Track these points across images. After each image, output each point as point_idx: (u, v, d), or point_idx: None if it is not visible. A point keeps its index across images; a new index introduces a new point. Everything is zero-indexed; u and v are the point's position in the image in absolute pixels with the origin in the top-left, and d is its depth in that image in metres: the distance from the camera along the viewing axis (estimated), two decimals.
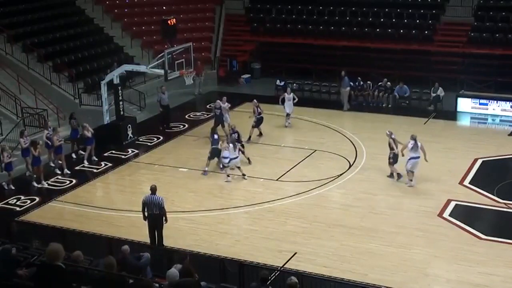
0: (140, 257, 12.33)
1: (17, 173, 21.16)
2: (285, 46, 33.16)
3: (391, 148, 20.03)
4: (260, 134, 24.23)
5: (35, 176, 20.78)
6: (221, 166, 20.97)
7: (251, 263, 14.46)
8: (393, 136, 20.03)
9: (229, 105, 25.05)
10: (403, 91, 28.21)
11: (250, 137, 23.71)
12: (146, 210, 15.89)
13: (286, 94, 25.59)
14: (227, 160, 20.36)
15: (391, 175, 20.30)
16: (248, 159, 21.60)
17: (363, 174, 20.87)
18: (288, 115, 25.53)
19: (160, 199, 15.79)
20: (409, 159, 19.50)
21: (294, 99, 25.46)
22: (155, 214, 15.78)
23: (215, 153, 21.01)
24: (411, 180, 19.68)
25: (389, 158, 20.14)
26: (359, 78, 28.94)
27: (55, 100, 25.83)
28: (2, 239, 13.96)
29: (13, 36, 28.04)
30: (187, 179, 20.93)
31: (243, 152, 21.36)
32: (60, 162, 21.57)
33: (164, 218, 15.92)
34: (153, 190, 15.82)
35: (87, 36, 30.75)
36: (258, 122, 23.98)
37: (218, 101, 24.37)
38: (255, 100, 24.25)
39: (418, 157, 19.42)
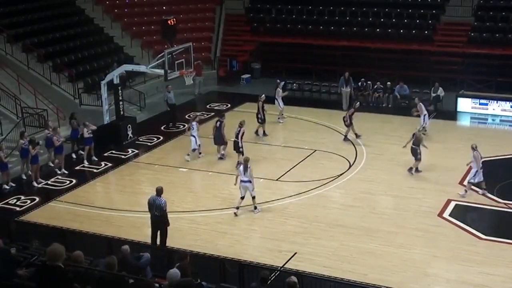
0: (140, 257, 12.29)
1: (16, 173, 21.15)
2: (285, 46, 33.14)
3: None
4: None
5: (31, 173, 20.75)
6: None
7: (251, 263, 14.46)
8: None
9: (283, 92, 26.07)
10: (403, 90, 28.22)
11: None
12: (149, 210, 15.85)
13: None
14: None
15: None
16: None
17: (363, 174, 20.86)
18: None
19: (163, 202, 15.58)
20: None
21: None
22: (156, 216, 15.70)
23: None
24: None
25: None
26: (363, 79, 28.98)
27: (55, 100, 25.81)
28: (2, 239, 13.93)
29: (13, 36, 28.03)
30: (187, 179, 20.93)
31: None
32: (58, 162, 21.55)
33: (165, 221, 15.77)
34: (158, 192, 15.62)
35: (87, 36, 30.75)
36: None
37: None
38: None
39: None
